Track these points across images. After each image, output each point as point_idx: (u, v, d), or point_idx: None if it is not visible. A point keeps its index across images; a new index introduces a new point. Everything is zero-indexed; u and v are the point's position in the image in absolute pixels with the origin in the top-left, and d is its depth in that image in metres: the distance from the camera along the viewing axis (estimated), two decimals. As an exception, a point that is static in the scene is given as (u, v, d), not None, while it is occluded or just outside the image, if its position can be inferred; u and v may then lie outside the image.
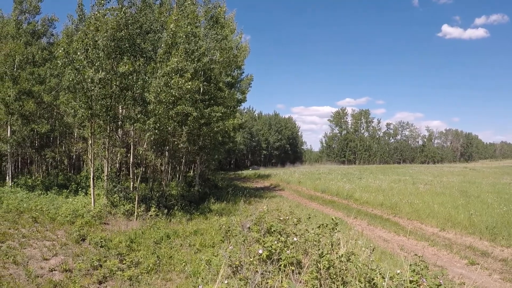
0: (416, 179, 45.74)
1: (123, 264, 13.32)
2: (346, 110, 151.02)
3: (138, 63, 20.51)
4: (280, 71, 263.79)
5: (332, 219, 7.52)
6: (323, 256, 6.08)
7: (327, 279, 5.94)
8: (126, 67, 19.68)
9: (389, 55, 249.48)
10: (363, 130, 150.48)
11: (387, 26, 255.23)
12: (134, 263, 13.41)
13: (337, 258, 6.06)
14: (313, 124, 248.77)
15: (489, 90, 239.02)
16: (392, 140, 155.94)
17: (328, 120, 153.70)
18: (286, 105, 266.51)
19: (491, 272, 13.10)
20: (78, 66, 19.65)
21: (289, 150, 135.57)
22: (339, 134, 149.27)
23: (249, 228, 9.23)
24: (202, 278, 10.09)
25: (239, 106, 46.11)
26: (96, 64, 19.96)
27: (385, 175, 51.79)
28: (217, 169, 56.18)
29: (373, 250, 6.85)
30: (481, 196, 28.23)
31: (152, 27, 23.71)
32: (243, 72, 42.51)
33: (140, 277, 12.11)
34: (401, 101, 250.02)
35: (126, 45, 20.87)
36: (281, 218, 9.15)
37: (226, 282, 6.81)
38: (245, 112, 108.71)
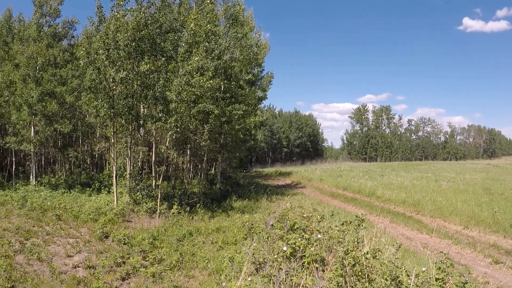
0: (439, 176, 45.24)
1: (146, 261, 13.45)
2: (366, 107, 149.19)
3: (159, 63, 20.61)
4: (299, 68, 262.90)
5: (356, 216, 7.46)
6: (349, 253, 6.04)
7: (352, 276, 5.89)
8: (148, 66, 19.79)
9: (409, 50, 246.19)
10: (384, 127, 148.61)
11: (406, 20, 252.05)
12: (157, 260, 13.52)
13: (362, 255, 6.00)
14: (333, 121, 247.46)
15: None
16: (414, 137, 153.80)
17: (348, 116, 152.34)
18: (306, 102, 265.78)
19: (516, 270, 12.89)
20: (100, 66, 19.86)
21: (310, 148, 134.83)
22: (360, 131, 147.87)
23: (272, 225, 9.20)
24: (225, 275, 10.12)
25: (260, 104, 46.13)
26: (118, 64, 20.17)
27: (407, 172, 51.32)
28: (238, 167, 56.15)
29: (399, 247, 6.76)
30: (505, 193, 27.83)
31: (171, 26, 23.85)
32: (263, 70, 42.56)
33: (163, 273, 12.21)
34: (422, 96, 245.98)
35: (147, 44, 21.06)
36: (305, 215, 9.11)
37: (249, 279, 6.79)
38: (266, 109, 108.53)
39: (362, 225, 7.34)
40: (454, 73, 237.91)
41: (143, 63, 20.28)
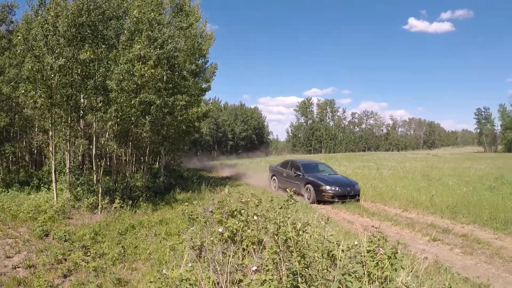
0: (380, 165, 46.52)
1: (88, 256, 13.15)
2: (311, 100, 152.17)
3: (100, 50, 20.09)
4: (245, 61, 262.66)
5: (289, 195, 7.72)
6: (279, 228, 6.19)
7: (285, 252, 6.03)
8: (88, 53, 19.23)
9: (354, 45, 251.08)
10: (328, 120, 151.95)
11: (354, 15, 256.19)
12: (98, 255, 13.25)
13: (292, 230, 6.17)
14: (279, 115, 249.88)
15: (452, 81, 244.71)
16: (357, 129, 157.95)
17: (293, 110, 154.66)
18: (251, 95, 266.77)
19: (452, 246, 13.50)
20: (38, 53, 19.14)
21: (256, 140, 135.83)
22: (305, 123, 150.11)
23: (211, 212, 9.27)
24: (168, 265, 10.07)
25: (204, 95, 45.83)
26: (56, 51, 19.41)
27: (350, 162, 52.45)
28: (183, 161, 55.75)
29: (328, 220, 7.00)
30: (442, 179, 29.01)
31: (114, 13, 23.26)
32: (208, 61, 42.19)
33: (105, 267, 11.98)
34: (366, 91, 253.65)
35: (88, 31, 20.36)
36: (243, 201, 9.24)
37: (190, 265, 6.81)
38: (211, 102, 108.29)
39: (292, 200, 7.54)
40: (397, 69, 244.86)
41: (83, 50, 19.71)
